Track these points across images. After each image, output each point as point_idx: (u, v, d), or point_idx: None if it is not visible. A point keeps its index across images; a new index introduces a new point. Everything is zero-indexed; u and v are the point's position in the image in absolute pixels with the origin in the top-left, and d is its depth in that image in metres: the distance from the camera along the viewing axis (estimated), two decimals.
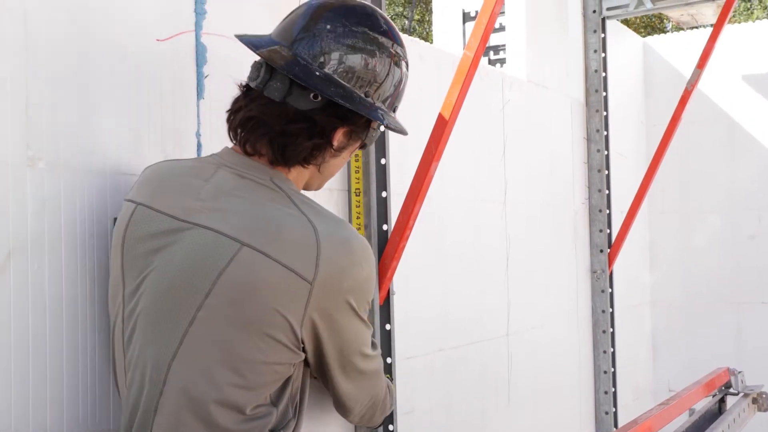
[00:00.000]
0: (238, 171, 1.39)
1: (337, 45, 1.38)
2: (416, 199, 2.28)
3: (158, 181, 1.43)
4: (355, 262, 1.34)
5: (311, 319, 1.32)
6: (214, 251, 1.30)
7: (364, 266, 1.36)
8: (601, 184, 3.93)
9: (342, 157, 1.49)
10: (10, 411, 1.36)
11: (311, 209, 1.36)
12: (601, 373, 3.94)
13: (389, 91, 1.46)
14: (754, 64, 4.43)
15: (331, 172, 1.53)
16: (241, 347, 1.29)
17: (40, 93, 1.43)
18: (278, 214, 1.33)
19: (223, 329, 1.29)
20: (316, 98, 1.37)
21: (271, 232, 1.30)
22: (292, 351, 1.33)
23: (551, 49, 3.65)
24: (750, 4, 13.89)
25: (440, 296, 2.78)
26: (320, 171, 1.48)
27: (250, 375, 1.30)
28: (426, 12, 14.46)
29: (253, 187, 1.37)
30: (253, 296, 1.27)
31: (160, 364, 1.31)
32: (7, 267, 1.36)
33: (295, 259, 1.28)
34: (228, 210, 1.33)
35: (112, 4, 1.57)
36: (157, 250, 1.35)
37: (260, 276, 1.27)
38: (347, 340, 1.40)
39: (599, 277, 3.94)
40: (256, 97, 1.40)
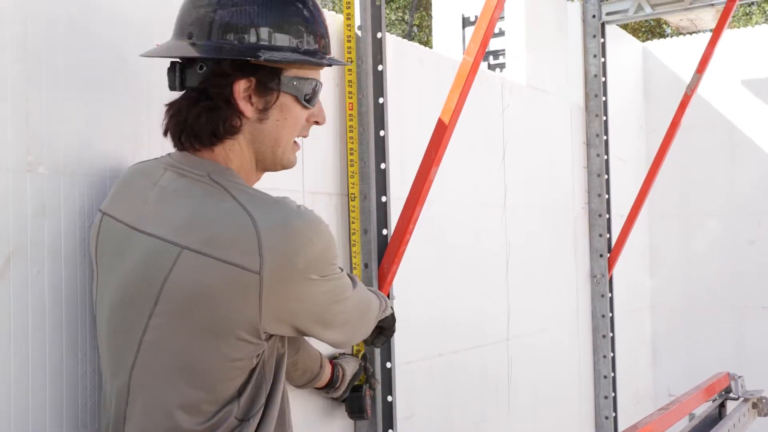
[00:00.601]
0: (180, 170, 1.36)
1: (198, 9, 1.35)
2: (416, 203, 2.28)
3: (120, 187, 1.43)
4: (303, 242, 1.28)
5: (273, 308, 1.28)
6: (157, 258, 1.28)
7: (315, 241, 1.29)
8: (601, 188, 3.93)
9: (273, 118, 1.38)
10: (10, 412, 1.36)
11: (249, 197, 1.30)
12: (601, 378, 3.94)
13: (283, 27, 1.35)
14: (754, 68, 4.43)
15: (275, 140, 1.40)
16: (199, 351, 1.27)
17: (40, 98, 1.43)
18: (214, 210, 1.28)
19: (177, 335, 1.27)
20: (201, 69, 1.33)
21: (208, 230, 1.26)
22: (253, 344, 1.29)
23: (551, 54, 3.65)
24: (749, 9, 13.92)
25: (440, 301, 2.78)
26: (253, 141, 1.38)
27: (210, 376, 1.28)
28: (426, 17, 14.49)
29: (191, 184, 1.33)
30: (203, 299, 1.25)
31: (122, 374, 1.32)
32: (7, 271, 1.36)
33: (237, 253, 1.24)
34: (167, 212, 1.31)
35: (111, 7, 1.57)
36: (117, 261, 1.35)
37: (206, 278, 1.24)
38: (321, 305, 1.36)
39: (599, 281, 3.93)
40: (177, 99, 1.40)
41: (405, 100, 2.60)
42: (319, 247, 1.30)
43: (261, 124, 1.37)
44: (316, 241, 1.29)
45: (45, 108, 1.44)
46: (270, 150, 1.40)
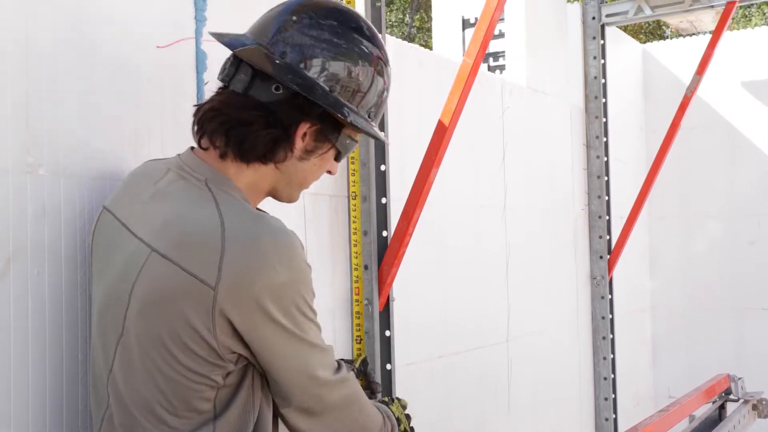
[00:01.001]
0: (182, 171, 1.33)
1: (302, 36, 1.30)
2: (416, 205, 2.29)
3: (126, 183, 1.42)
4: (265, 264, 1.20)
5: (227, 328, 1.21)
6: (134, 259, 1.26)
7: (279, 268, 1.21)
8: (601, 190, 3.94)
9: (311, 162, 1.37)
10: (9, 413, 1.36)
11: (232, 208, 1.25)
12: (601, 380, 3.94)
13: (370, 100, 1.37)
14: (753, 70, 4.44)
15: (300, 180, 1.40)
16: (159, 356, 1.23)
17: (41, 100, 1.43)
18: (190, 216, 1.25)
19: (143, 338, 1.24)
20: (278, 90, 1.29)
21: (178, 235, 1.23)
22: (210, 362, 1.23)
23: (551, 56, 3.65)
24: (749, 11, 13.92)
25: (440, 302, 2.78)
26: (283, 173, 1.37)
27: (175, 385, 1.24)
28: (426, 19, 14.50)
29: (185, 188, 1.30)
30: (158, 303, 1.22)
31: (102, 379, 1.31)
32: (8, 272, 1.36)
33: (197, 262, 1.20)
34: (152, 214, 1.29)
35: (112, 11, 1.57)
36: (107, 256, 1.34)
37: (163, 282, 1.22)
38: (281, 359, 1.25)
39: (599, 283, 3.94)
40: (221, 92, 1.35)
41: (405, 102, 2.61)
42: (281, 276, 1.21)
43: (300, 162, 1.36)
44: (280, 268, 1.21)
45: (45, 109, 1.44)
46: (291, 186, 1.40)
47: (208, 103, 1.34)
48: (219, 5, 1.81)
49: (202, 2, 1.77)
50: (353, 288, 2.35)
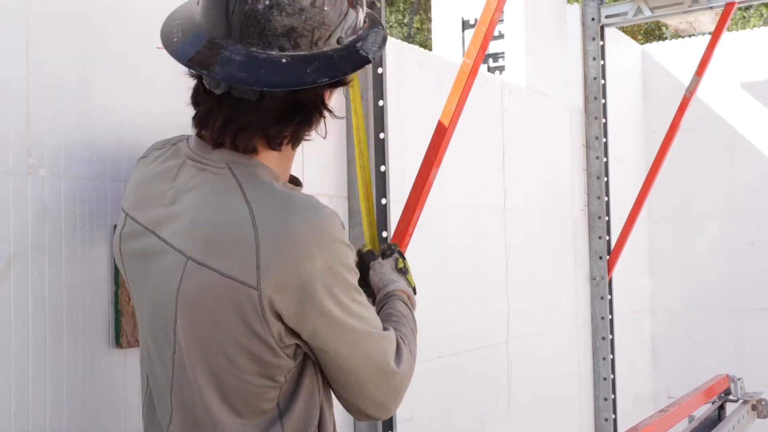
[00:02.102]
0: (199, 162, 1.25)
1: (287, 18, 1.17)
2: (416, 206, 2.29)
3: (138, 186, 1.34)
4: (303, 252, 1.14)
5: (280, 323, 1.18)
6: (171, 269, 1.22)
7: (317, 253, 1.15)
8: (601, 191, 3.94)
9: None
10: (10, 414, 1.36)
11: (260, 192, 1.19)
12: (601, 380, 3.94)
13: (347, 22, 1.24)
14: (752, 71, 4.44)
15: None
16: (217, 367, 1.20)
17: (41, 101, 1.43)
18: (218, 213, 1.18)
19: (198, 351, 1.21)
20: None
21: (209, 236, 1.18)
22: (270, 362, 1.20)
23: (550, 57, 3.66)
24: (747, 12, 13.93)
25: (440, 302, 2.78)
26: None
27: (232, 393, 1.21)
28: (426, 20, 14.50)
29: (208, 179, 1.23)
30: (207, 313, 1.18)
31: (165, 392, 1.28)
32: (8, 273, 1.36)
33: (235, 264, 1.15)
34: (179, 216, 1.23)
35: (112, 11, 1.58)
36: (142, 267, 1.29)
37: (205, 291, 1.17)
38: (343, 347, 1.22)
39: (599, 283, 3.94)
40: (223, 98, 1.21)
41: (405, 103, 2.61)
42: (321, 262, 1.16)
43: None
44: (317, 253, 1.15)
45: (46, 110, 1.44)
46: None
47: (216, 114, 1.22)
48: None
49: None
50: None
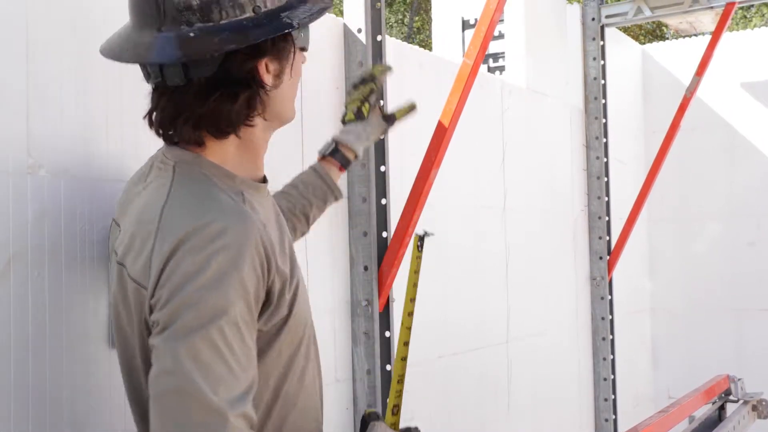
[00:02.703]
0: (159, 163, 1.24)
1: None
2: (416, 206, 2.29)
3: (125, 190, 1.34)
4: (183, 257, 1.07)
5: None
6: (114, 275, 1.23)
7: (191, 261, 1.07)
8: (601, 191, 3.94)
9: (285, 81, 1.24)
10: (10, 413, 1.36)
11: (183, 194, 1.16)
12: (601, 381, 3.94)
13: None
14: (753, 71, 4.44)
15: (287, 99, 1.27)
16: (135, 383, 1.22)
17: (41, 101, 1.43)
18: (142, 214, 1.18)
19: (123, 367, 1.25)
20: (214, 54, 1.15)
21: (129, 238, 1.18)
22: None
23: (550, 57, 3.66)
24: (748, 12, 13.93)
25: (440, 303, 2.78)
26: (269, 108, 1.24)
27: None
28: (426, 20, 14.50)
29: (155, 179, 1.22)
30: (125, 321, 1.20)
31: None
32: (8, 273, 1.36)
33: (138, 266, 1.14)
34: (126, 219, 1.24)
35: (113, 12, 1.57)
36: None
37: (122, 296, 1.19)
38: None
39: (599, 284, 3.94)
40: (163, 92, 1.20)
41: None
42: (191, 270, 1.07)
43: (276, 90, 1.23)
44: (190, 260, 1.07)
45: (46, 110, 1.44)
46: (286, 110, 1.28)
47: (158, 112, 1.21)
48: None
49: None
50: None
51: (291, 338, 1.24)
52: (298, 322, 1.25)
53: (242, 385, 1.07)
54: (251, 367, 1.10)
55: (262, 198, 1.27)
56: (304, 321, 1.29)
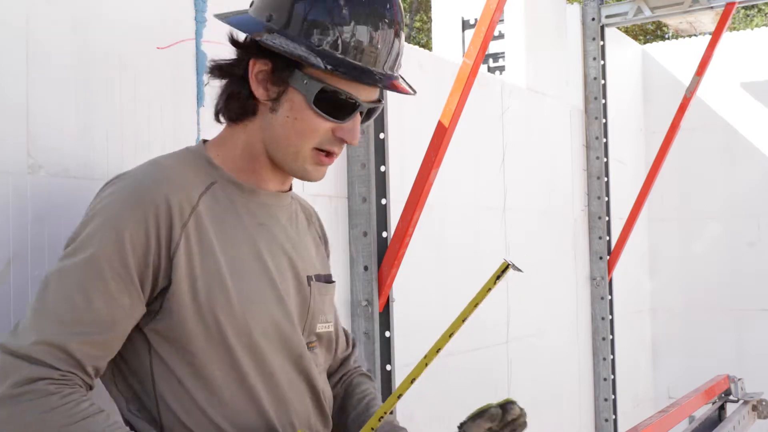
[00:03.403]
0: None
1: None
2: (416, 206, 2.29)
3: None
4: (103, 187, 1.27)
5: None
6: None
7: (102, 193, 1.25)
8: (601, 191, 3.94)
9: (282, 114, 1.26)
10: None
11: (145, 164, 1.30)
12: (601, 381, 3.94)
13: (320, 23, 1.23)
14: (753, 71, 4.44)
15: (282, 137, 1.28)
16: None
17: (41, 101, 1.43)
18: None
19: None
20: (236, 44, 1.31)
21: None
22: None
23: (550, 57, 3.66)
24: (750, 12, 13.92)
25: (440, 303, 2.78)
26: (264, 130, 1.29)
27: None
28: (425, 20, 14.50)
29: None
30: None
31: None
32: (8, 274, 1.36)
33: None
34: None
35: (113, 12, 1.58)
36: None
37: None
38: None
39: (599, 284, 3.94)
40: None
41: (405, 103, 2.61)
42: (88, 209, 1.24)
43: (273, 115, 1.28)
44: (93, 202, 1.25)
45: (45, 110, 1.44)
46: (281, 148, 1.29)
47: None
48: (219, 5, 1.82)
49: (202, 2, 1.77)
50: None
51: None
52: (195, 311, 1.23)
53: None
54: (98, 306, 1.15)
55: (246, 200, 1.31)
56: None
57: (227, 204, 1.28)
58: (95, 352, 1.15)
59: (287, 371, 1.32)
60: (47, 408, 1.07)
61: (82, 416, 1.09)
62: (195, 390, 1.23)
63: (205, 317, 1.22)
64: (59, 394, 1.08)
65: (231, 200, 1.29)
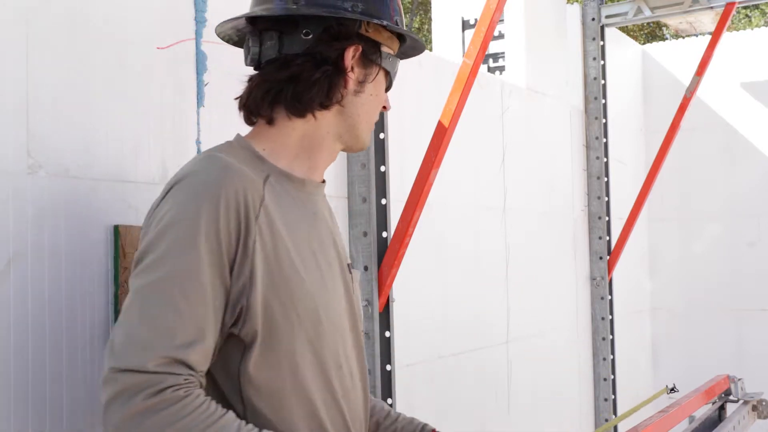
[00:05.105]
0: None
1: None
2: (416, 206, 2.29)
3: None
4: (160, 197, 1.22)
5: None
6: None
7: (166, 201, 1.19)
8: (601, 191, 3.94)
9: (367, 94, 1.33)
10: (10, 413, 1.36)
11: (193, 159, 1.28)
12: (601, 381, 3.94)
13: (391, 6, 1.34)
14: (753, 71, 4.44)
15: (364, 117, 1.35)
16: None
17: (41, 101, 1.43)
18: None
19: None
20: (308, 35, 1.27)
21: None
22: None
23: (550, 57, 3.66)
24: (750, 12, 13.92)
25: (440, 303, 2.78)
26: (345, 115, 1.33)
27: None
28: (425, 20, 14.50)
29: None
30: None
31: None
32: (8, 274, 1.36)
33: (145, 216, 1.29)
34: None
35: (112, 12, 1.57)
36: None
37: None
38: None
39: (599, 284, 3.94)
40: (257, 72, 1.33)
41: (405, 103, 2.61)
42: (160, 211, 1.19)
43: (356, 97, 1.32)
44: (165, 201, 1.20)
45: (45, 110, 1.44)
46: (357, 128, 1.35)
47: (246, 89, 1.32)
48: (219, 5, 1.82)
49: (202, 2, 1.77)
50: None
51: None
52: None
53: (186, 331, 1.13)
54: (201, 312, 1.14)
55: (298, 192, 1.31)
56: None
57: (284, 195, 1.28)
58: (203, 358, 1.15)
59: (348, 359, 1.35)
60: (184, 412, 1.08)
61: (218, 415, 1.11)
62: (281, 380, 1.23)
63: (287, 310, 1.22)
64: (191, 396, 1.10)
65: (286, 191, 1.29)
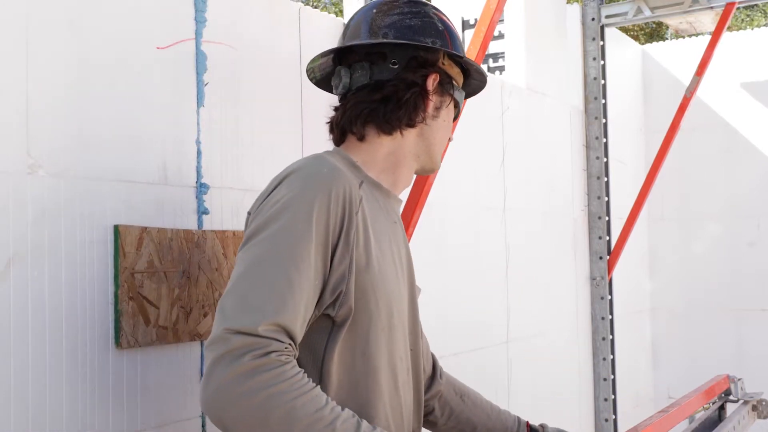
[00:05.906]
0: None
1: (391, 17, 1.46)
2: (416, 206, 2.29)
3: None
4: (273, 184, 1.32)
5: None
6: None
7: (280, 188, 1.29)
8: (601, 191, 3.94)
9: (441, 119, 1.49)
10: (9, 413, 1.36)
11: (301, 159, 1.38)
12: (601, 381, 3.94)
13: (455, 42, 1.51)
14: (753, 71, 4.44)
15: (438, 140, 1.51)
16: None
17: (41, 101, 1.43)
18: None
19: None
20: (395, 64, 1.43)
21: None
22: None
23: (550, 57, 3.66)
24: (751, 12, 13.91)
25: (440, 303, 2.78)
26: (424, 136, 1.48)
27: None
28: None
29: None
30: None
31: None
32: (7, 274, 1.36)
33: (254, 202, 1.38)
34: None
35: (112, 12, 1.58)
36: None
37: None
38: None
39: (599, 284, 3.94)
40: (349, 97, 1.47)
41: None
42: (278, 194, 1.29)
43: (432, 121, 1.48)
44: (281, 188, 1.29)
45: (45, 110, 1.44)
46: (432, 149, 1.50)
47: (339, 112, 1.48)
48: (219, 5, 1.82)
49: (202, 2, 1.77)
50: None
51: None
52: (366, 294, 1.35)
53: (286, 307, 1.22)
54: (306, 287, 1.24)
55: (383, 200, 1.45)
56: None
57: (373, 201, 1.41)
58: (302, 331, 1.26)
59: (406, 355, 1.47)
60: (283, 377, 1.17)
61: (310, 387, 1.20)
62: (360, 362, 1.33)
63: (371, 299, 1.33)
64: (290, 364, 1.19)
65: (375, 198, 1.42)
